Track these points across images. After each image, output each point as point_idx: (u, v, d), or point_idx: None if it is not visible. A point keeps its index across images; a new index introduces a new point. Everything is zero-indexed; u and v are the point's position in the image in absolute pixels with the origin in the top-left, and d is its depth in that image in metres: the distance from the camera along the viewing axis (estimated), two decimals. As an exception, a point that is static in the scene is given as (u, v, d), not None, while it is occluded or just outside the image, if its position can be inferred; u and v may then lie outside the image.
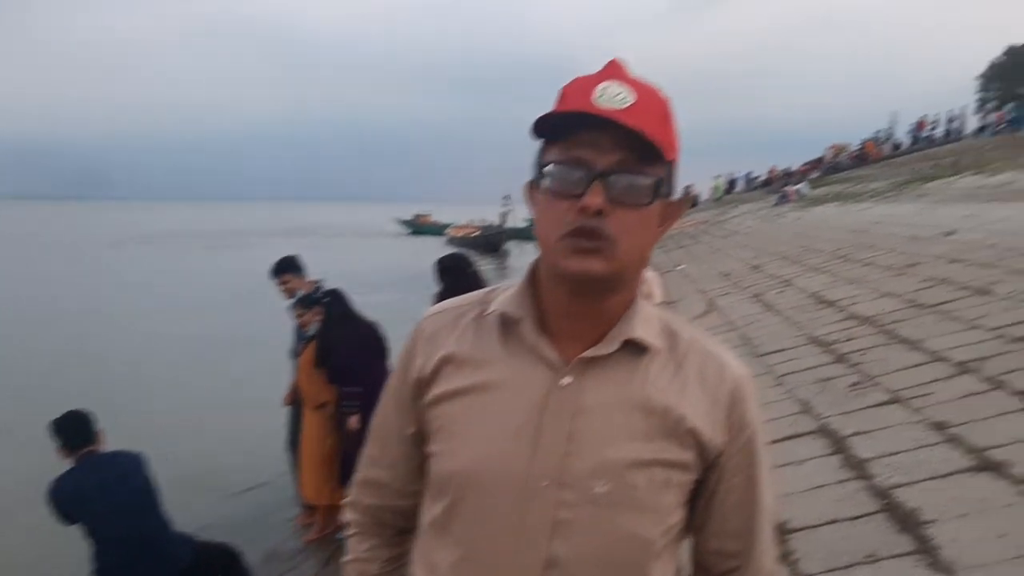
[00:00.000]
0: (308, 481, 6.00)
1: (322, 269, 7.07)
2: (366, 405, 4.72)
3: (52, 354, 13.56)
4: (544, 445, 1.13)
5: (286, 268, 6.35)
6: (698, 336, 1.25)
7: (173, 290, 23.60)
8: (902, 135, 44.28)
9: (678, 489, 1.18)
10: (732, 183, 52.39)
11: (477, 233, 46.21)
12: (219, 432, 8.95)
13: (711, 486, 1.22)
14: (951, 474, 3.59)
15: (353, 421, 5.47)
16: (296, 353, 6.14)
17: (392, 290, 17.37)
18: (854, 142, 45.50)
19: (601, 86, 1.09)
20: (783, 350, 6.79)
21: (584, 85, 1.11)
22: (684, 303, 11.48)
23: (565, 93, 1.13)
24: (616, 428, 1.14)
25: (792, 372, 5.99)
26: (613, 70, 1.13)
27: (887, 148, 41.96)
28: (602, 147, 1.07)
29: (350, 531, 1.37)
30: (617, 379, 1.16)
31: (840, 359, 5.95)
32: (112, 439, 4.48)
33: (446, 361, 1.21)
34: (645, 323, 1.19)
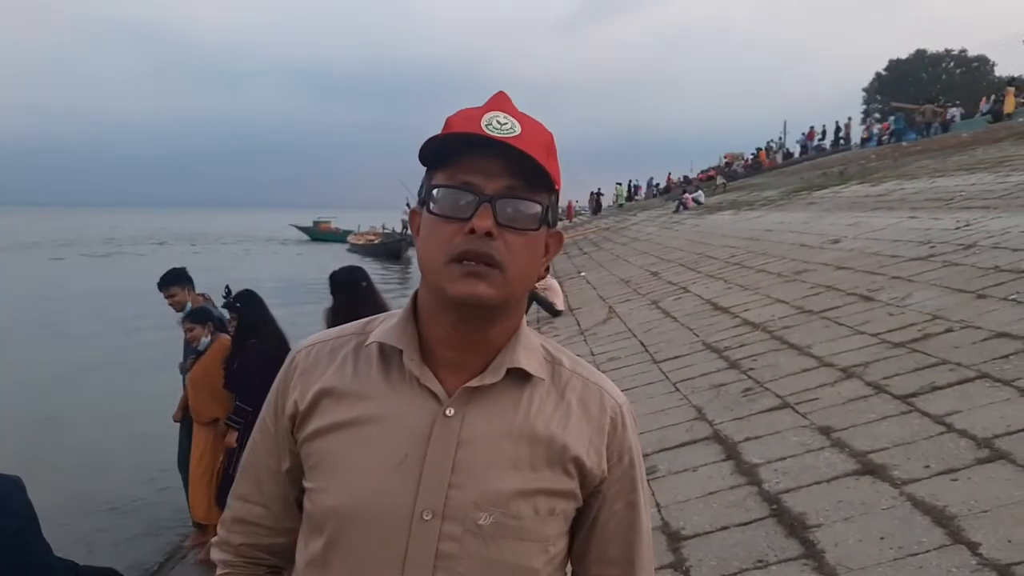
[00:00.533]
0: (198, 500, 5.81)
1: (216, 278, 6.89)
2: (251, 425, 4.59)
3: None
4: (427, 477, 1.11)
5: (173, 281, 6.16)
6: (578, 365, 1.25)
7: (59, 300, 22.70)
8: (793, 144, 45.98)
9: (562, 518, 1.17)
10: (634, 189, 53.40)
11: (378, 240, 45.83)
12: (107, 451, 8.63)
13: (593, 513, 1.21)
14: (836, 478, 3.71)
15: (231, 438, 5.32)
16: (185, 368, 5.95)
17: (290, 300, 16.92)
18: (748, 151, 46.97)
19: (489, 115, 1.10)
20: (679, 356, 6.92)
21: (471, 115, 1.12)
22: (586, 310, 11.62)
23: (451, 122, 1.13)
24: (500, 458, 1.12)
25: (688, 378, 6.11)
26: (500, 101, 1.14)
27: (779, 157, 43.44)
28: (491, 172, 1.08)
29: (220, 572, 1.30)
30: (501, 409, 1.15)
31: (733, 365, 6.10)
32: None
33: (324, 394, 1.17)
34: (528, 352, 1.18)
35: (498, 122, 1.09)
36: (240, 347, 5.42)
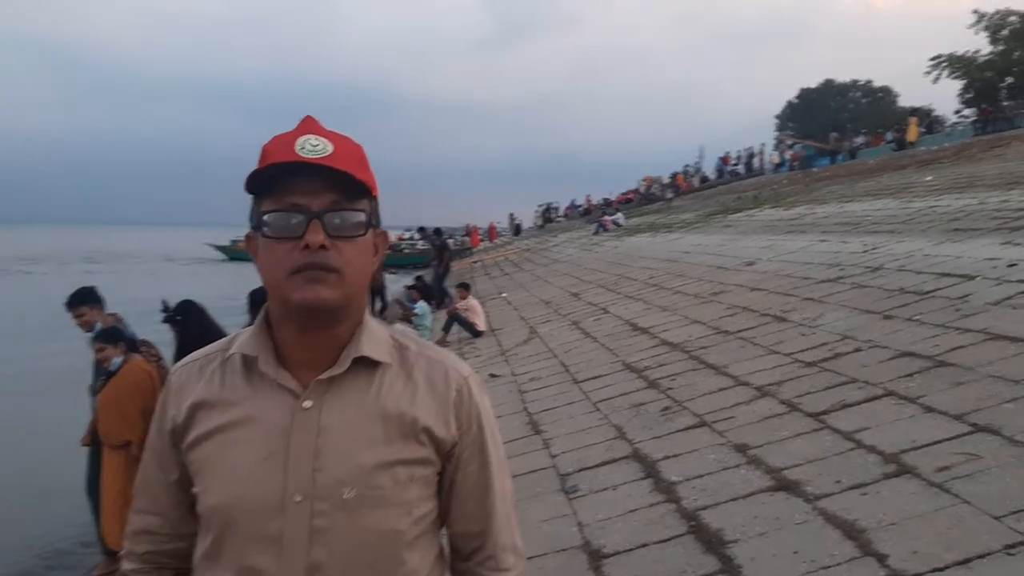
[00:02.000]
0: (110, 526, 5.60)
1: (126, 298, 6.70)
2: None
3: None
4: (293, 465, 1.24)
5: (82, 300, 5.96)
6: (425, 347, 1.39)
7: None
8: (709, 169, 47.05)
9: (422, 483, 1.30)
10: (552, 211, 53.87)
11: None
12: (9, 478, 8.25)
13: (450, 476, 1.35)
14: (751, 494, 3.80)
15: None
16: (95, 390, 5.75)
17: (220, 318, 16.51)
18: (665, 174, 47.88)
19: (301, 139, 1.23)
20: (600, 376, 7.00)
21: (285, 140, 1.24)
22: (507, 330, 11.65)
23: (268, 150, 1.24)
24: (357, 438, 1.26)
25: (608, 398, 6.18)
26: (309, 125, 1.27)
27: (696, 181, 44.41)
28: (314, 191, 1.21)
29: None
30: (353, 395, 1.28)
31: (652, 384, 6.20)
32: None
33: (197, 407, 1.30)
34: (373, 342, 1.31)
35: (311, 145, 1.22)
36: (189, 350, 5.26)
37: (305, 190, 1.21)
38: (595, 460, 4.87)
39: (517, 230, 51.15)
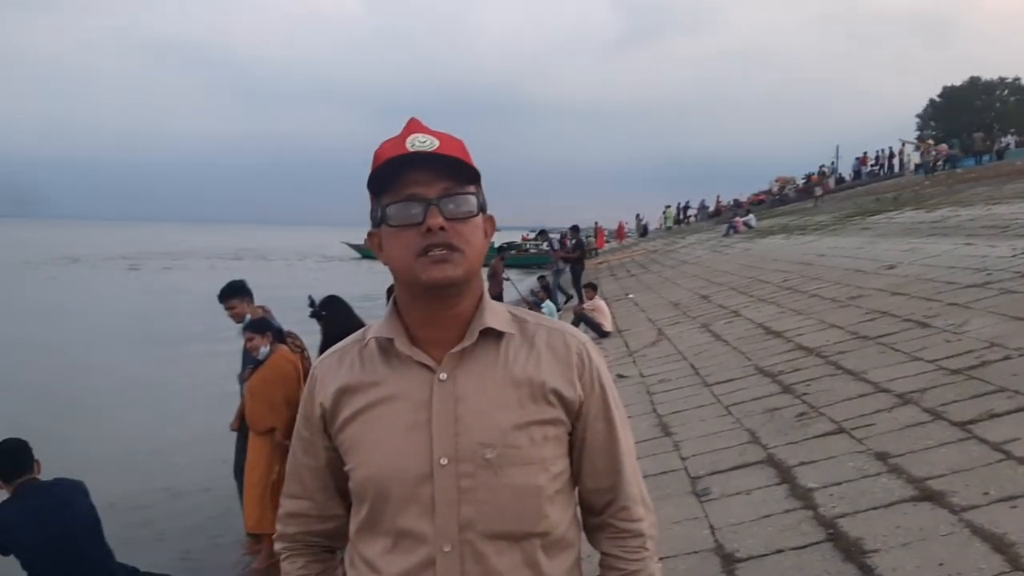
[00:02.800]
0: (251, 510, 5.89)
1: (270, 293, 7.04)
2: None
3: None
4: (437, 432, 1.35)
5: (233, 293, 6.30)
6: (541, 318, 1.50)
7: (119, 311, 23.20)
8: (846, 169, 45.41)
9: (555, 442, 1.40)
10: (683, 212, 53.12)
11: None
12: (163, 459, 8.78)
13: (579, 435, 1.44)
14: (893, 504, 3.69)
15: None
16: (243, 378, 6.07)
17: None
18: (799, 175, 46.51)
19: (410, 138, 1.36)
20: (731, 380, 6.90)
21: (394, 141, 1.37)
22: (634, 331, 11.61)
23: (380, 152, 1.37)
24: (492, 403, 1.36)
25: (740, 402, 6.10)
26: (415, 125, 1.39)
27: (832, 182, 42.94)
28: (427, 182, 1.33)
29: (283, 555, 1.57)
30: (483, 365, 1.39)
31: (787, 389, 6.08)
32: (50, 468, 4.41)
33: (342, 392, 1.42)
34: (494, 315, 1.42)
35: (419, 141, 1.35)
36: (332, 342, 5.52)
37: (420, 181, 1.33)
38: (727, 464, 4.82)
39: (644, 231, 50.72)
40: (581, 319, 12.25)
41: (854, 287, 9.91)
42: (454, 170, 1.35)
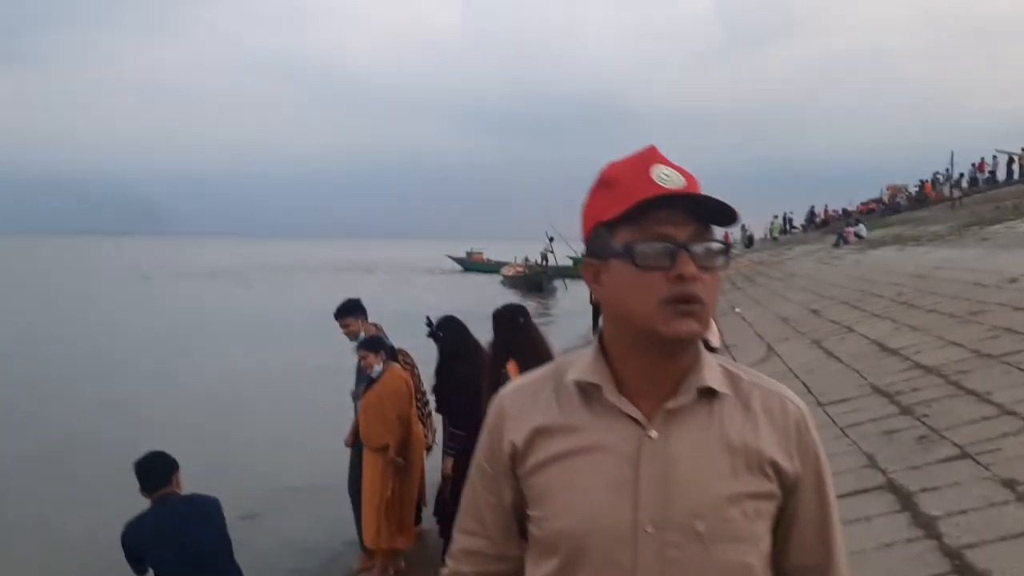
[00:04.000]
0: (367, 525, 6.06)
1: (379, 308, 7.23)
2: (468, 449, 4.79)
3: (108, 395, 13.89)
4: (644, 494, 1.25)
5: (348, 311, 6.52)
6: (756, 377, 1.38)
7: (240, 325, 24.10)
8: (961, 176, 43.45)
9: (767, 517, 1.30)
10: (788, 223, 51.93)
11: (525, 272, 45.96)
12: (279, 472, 9.09)
13: (790, 509, 1.34)
14: (1023, 535, 3.55)
15: (448, 465, 5.53)
16: (357, 395, 6.26)
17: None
18: (911, 182, 44.87)
19: (656, 169, 1.26)
20: (846, 400, 6.73)
21: (635, 168, 1.27)
22: (742, 347, 11.43)
23: (616, 177, 1.28)
24: (706, 470, 1.27)
25: (856, 424, 5.95)
26: (654, 154, 1.29)
27: (946, 189, 41.27)
28: (677, 222, 1.23)
29: None
30: (697, 425, 1.29)
31: (906, 410, 5.89)
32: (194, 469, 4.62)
33: (538, 432, 1.33)
34: (711, 371, 1.32)
35: (664, 175, 1.25)
36: (447, 372, 5.69)
37: (670, 220, 1.23)
38: (844, 489, 4.71)
39: (749, 241, 49.79)
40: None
41: (974, 301, 9.52)
42: (708, 211, 1.25)
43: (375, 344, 6.09)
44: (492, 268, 55.56)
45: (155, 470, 4.42)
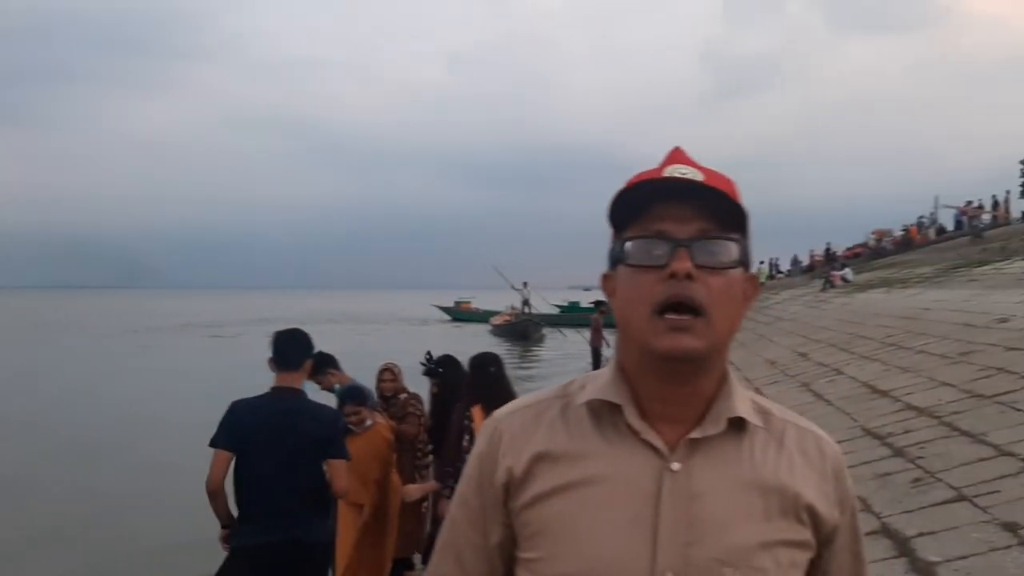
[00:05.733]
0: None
1: (372, 357, 7.06)
2: None
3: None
4: (664, 536, 1.06)
5: (323, 365, 6.32)
6: (787, 413, 1.23)
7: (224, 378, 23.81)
8: (946, 220, 43.76)
9: (799, 570, 1.13)
10: (775, 268, 52.10)
11: (512, 320, 45.96)
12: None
13: (823, 565, 1.18)
14: (1028, 581, 3.37)
15: (443, 508, 5.38)
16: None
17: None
18: (896, 227, 45.14)
19: (670, 167, 1.12)
20: (838, 442, 6.51)
21: (651, 171, 1.14)
22: (730, 392, 11.24)
23: (633, 181, 1.13)
24: (735, 511, 1.09)
25: (849, 466, 5.70)
26: (678, 155, 1.15)
27: (932, 233, 41.53)
28: (681, 218, 1.08)
29: None
30: (725, 460, 1.12)
31: (899, 452, 5.72)
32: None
33: (539, 459, 1.14)
34: (742, 401, 1.15)
35: (679, 172, 1.10)
36: (445, 411, 5.69)
37: (673, 216, 1.09)
38: (838, 534, 4.52)
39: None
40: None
41: (964, 342, 9.40)
42: (717, 209, 1.09)
43: (361, 397, 5.83)
44: (481, 317, 55.41)
45: (288, 347, 4.33)
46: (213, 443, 4.14)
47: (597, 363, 18.37)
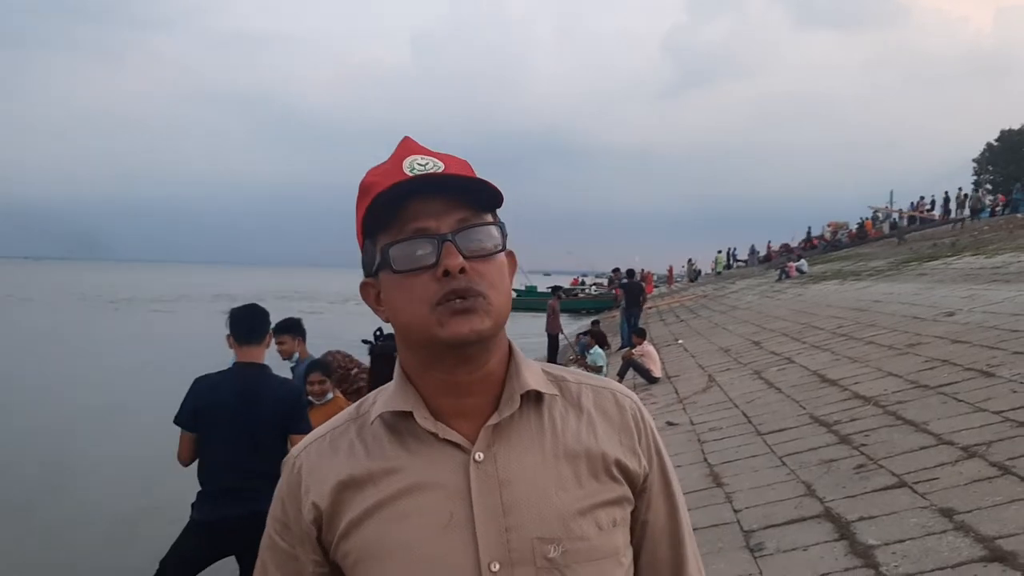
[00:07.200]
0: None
1: (327, 336, 7.01)
2: None
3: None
4: (482, 529, 1.05)
5: (286, 329, 6.24)
6: (580, 375, 1.22)
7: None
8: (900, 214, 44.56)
9: (623, 527, 1.13)
10: (732, 258, 52.70)
11: None
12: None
13: (641, 516, 1.18)
14: (961, 564, 3.49)
15: None
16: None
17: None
18: (852, 220, 45.87)
19: (407, 160, 1.08)
20: (785, 429, 6.69)
21: (387, 168, 1.09)
22: (684, 378, 11.41)
23: (370, 183, 1.09)
24: (546, 485, 1.08)
25: (795, 452, 5.89)
26: (410, 145, 1.12)
27: (885, 227, 42.26)
28: (436, 213, 1.05)
29: None
30: (528, 437, 1.11)
31: (844, 440, 5.86)
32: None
33: (344, 487, 1.10)
34: (531, 373, 1.14)
35: (419, 164, 1.07)
36: (380, 381, 5.61)
37: (427, 211, 1.06)
38: (782, 518, 4.63)
39: (695, 276, 50.35)
40: (630, 364, 12.08)
41: (912, 334, 9.63)
42: (469, 195, 1.07)
43: (328, 369, 5.82)
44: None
45: (246, 322, 4.23)
46: (177, 421, 4.13)
47: (554, 349, 18.39)
